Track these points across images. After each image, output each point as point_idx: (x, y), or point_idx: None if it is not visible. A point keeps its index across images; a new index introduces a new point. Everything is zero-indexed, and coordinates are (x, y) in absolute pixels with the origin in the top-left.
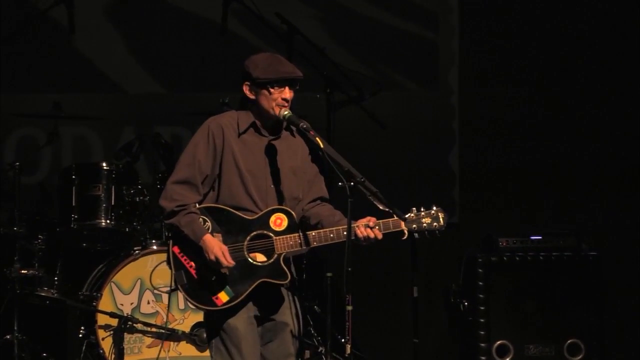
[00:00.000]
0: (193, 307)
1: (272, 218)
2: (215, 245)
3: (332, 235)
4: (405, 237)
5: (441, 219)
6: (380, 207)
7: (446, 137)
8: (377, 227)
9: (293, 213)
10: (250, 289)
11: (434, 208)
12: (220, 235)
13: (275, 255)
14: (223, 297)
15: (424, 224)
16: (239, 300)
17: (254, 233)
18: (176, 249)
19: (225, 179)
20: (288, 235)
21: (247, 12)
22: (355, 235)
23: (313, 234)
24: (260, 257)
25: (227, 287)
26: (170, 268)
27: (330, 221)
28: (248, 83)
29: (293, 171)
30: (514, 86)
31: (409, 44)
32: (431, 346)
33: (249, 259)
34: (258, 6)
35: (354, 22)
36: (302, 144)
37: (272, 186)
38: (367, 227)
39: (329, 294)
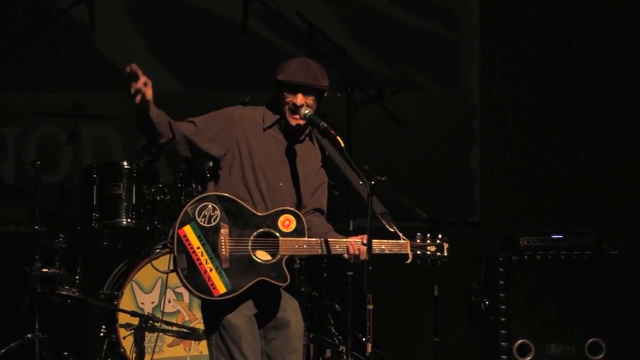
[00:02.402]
0: (189, 292)
1: (281, 218)
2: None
3: (337, 246)
4: (408, 261)
5: (445, 250)
6: (388, 228)
7: (467, 136)
8: (387, 246)
9: (302, 217)
10: (248, 285)
11: (440, 237)
12: (227, 225)
13: (279, 256)
14: (220, 288)
15: (429, 252)
16: (235, 294)
17: (261, 230)
18: (182, 232)
19: (239, 167)
20: (294, 238)
21: (268, 11)
22: (347, 249)
23: (319, 241)
24: (264, 256)
25: (226, 278)
26: (173, 250)
27: (319, 231)
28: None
29: (305, 177)
30: (535, 85)
31: (430, 43)
32: (452, 345)
33: (252, 255)
34: (278, 5)
35: (375, 21)
36: (317, 152)
37: (282, 185)
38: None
39: (349, 292)
